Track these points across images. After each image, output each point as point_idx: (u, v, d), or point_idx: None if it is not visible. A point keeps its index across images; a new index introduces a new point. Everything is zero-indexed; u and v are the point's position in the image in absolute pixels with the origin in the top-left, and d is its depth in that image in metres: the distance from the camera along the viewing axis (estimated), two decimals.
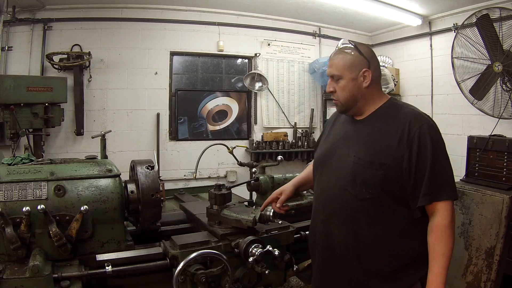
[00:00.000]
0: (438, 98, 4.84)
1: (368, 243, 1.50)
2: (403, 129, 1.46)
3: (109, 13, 4.56)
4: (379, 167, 1.46)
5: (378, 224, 1.49)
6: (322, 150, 1.76)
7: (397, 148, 1.45)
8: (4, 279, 1.45)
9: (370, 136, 1.55)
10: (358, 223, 1.51)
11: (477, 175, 3.38)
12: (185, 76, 5.16)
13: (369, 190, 1.47)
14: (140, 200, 1.92)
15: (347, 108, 1.62)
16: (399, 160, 1.45)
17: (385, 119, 1.56)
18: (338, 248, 1.57)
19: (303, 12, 5.04)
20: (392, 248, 1.49)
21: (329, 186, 1.62)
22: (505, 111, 3.70)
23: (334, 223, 1.58)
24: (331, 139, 1.73)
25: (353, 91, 1.57)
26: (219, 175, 5.11)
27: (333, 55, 1.62)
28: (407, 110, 1.56)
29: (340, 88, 1.58)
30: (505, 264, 2.92)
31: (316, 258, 1.71)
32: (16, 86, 3.58)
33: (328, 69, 1.62)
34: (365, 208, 1.49)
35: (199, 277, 1.69)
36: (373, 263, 1.51)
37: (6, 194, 1.64)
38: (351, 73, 1.55)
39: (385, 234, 1.49)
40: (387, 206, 1.48)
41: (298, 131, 5.49)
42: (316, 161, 1.78)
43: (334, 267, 1.62)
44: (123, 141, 4.62)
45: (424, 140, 1.43)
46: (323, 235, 1.64)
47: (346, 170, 1.55)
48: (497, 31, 3.58)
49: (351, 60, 1.56)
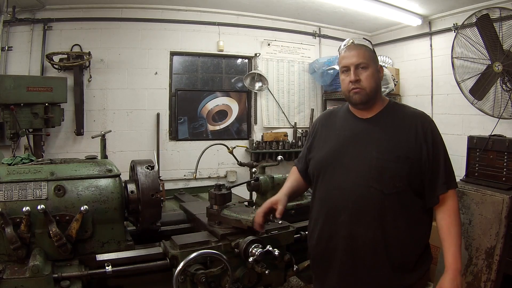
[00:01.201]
0: (438, 98, 4.83)
1: (394, 236, 1.54)
2: (416, 126, 1.58)
3: (109, 13, 4.56)
4: (404, 161, 1.53)
5: (401, 216, 1.55)
6: (324, 152, 1.71)
7: (416, 143, 1.56)
8: (4, 279, 1.45)
9: (386, 133, 1.60)
10: (384, 218, 1.54)
11: (477, 175, 3.38)
12: (185, 76, 5.16)
13: (397, 183, 1.53)
14: (140, 200, 1.92)
15: (369, 98, 1.62)
16: (419, 154, 1.55)
17: (394, 117, 1.64)
18: (363, 248, 1.55)
19: (303, 12, 5.04)
20: (412, 237, 1.56)
21: (347, 186, 1.58)
22: (505, 111, 3.70)
23: (361, 222, 1.55)
24: (334, 140, 1.70)
25: (377, 81, 1.65)
26: (219, 175, 5.11)
27: (352, 47, 1.64)
28: (411, 110, 1.68)
29: (367, 76, 1.60)
30: (505, 264, 2.92)
31: (336, 263, 1.63)
32: (16, 86, 3.58)
33: (351, 59, 1.61)
34: (391, 202, 1.54)
35: (199, 277, 1.69)
36: (399, 255, 1.55)
37: (6, 194, 1.64)
38: (375, 65, 1.65)
39: (407, 225, 1.55)
40: (408, 198, 1.56)
41: (298, 131, 5.49)
42: (318, 163, 1.72)
43: (358, 269, 1.58)
44: (123, 141, 4.62)
45: (435, 135, 1.59)
46: (345, 238, 1.58)
47: (367, 167, 1.55)
48: (497, 31, 3.58)
49: (372, 53, 1.67)
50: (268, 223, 1.93)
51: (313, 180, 1.76)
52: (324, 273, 1.70)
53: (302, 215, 2.26)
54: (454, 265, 1.50)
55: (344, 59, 1.64)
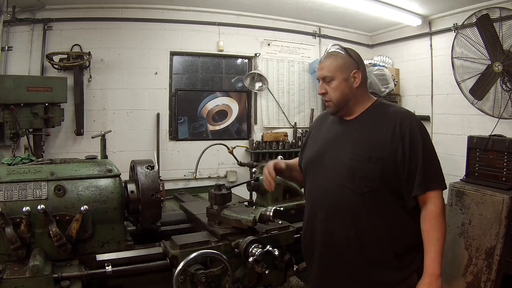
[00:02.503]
0: (438, 98, 4.83)
1: (368, 233, 1.56)
2: (394, 125, 1.57)
3: (109, 13, 4.56)
4: (376, 161, 1.54)
5: (377, 214, 1.56)
6: (312, 151, 1.80)
7: (391, 143, 1.55)
8: (4, 279, 1.45)
9: (363, 133, 1.63)
10: (358, 216, 1.57)
11: (477, 175, 3.38)
12: (185, 76, 5.16)
13: (368, 183, 1.54)
14: (140, 200, 1.92)
15: (339, 108, 1.69)
16: (393, 154, 1.54)
17: (375, 117, 1.65)
18: (339, 243, 1.61)
19: (303, 12, 5.04)
20: (390, 236, 1.56)
21: (325, 185, 1.66)
22: (505, 111, 3.70)
23: (335, 220, 1.62)
24: (321, 140, 1.78)
25: (345, 91, 1.65)
26: (219, 175, 5.11)
27: (323, 58, 1.71)
28: (395, 109, 1.67)
29: (332, 89, 1.65)
30: (505, 264, 2.92)
31: (315, 256, 1.72)
32: (16, 86, 3.58)
33: (319, 72, 1.68)
34: (364, 201, 1.56)
35: (199, 277, 1.69)
36: (374, 252, 1.57)
37: (6, 194, 1.64)
38: (342, 74, 1.64)
39: (383, 223, 1.56)
40: (384, 197, 1.56)
41: (298, 131, 5.49)
42: (306, 162, 1.81)
43: (335, 263, 1.65)
44: (123, 141, 4.62)
45: (414, 134, 1.54)
46: (322, 233, 1.66)
47: (342, 167, 1.61)
48: (497, 31, 3.58)
49: (342, 61, 1.65)
50: (268, 223, 1.93)
51: (303, 178, 1.86)
52: (310, 266, 1.80)
53: (302, 215, 2.25)
54: (432, 270, 1.48)
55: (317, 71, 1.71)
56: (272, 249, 1.79)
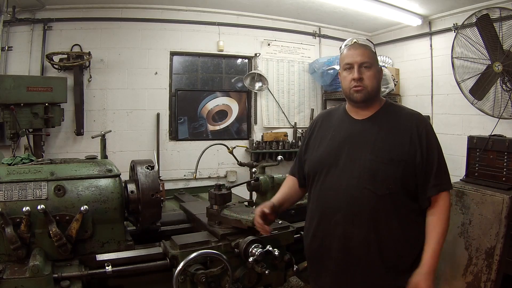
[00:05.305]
0: (438, 98, 4.83)
1: (387, 237, 1.55)
2: (411, 128, 1.60)
3: (109, 13, 4.55)
4: (398, 164, 1.55)
5: (394, 217, 1.56)
6: (321, 152, 1.72)
7: (410, 146, 1.58)
8: (4, 279, 1.45)
9: (381, 135, 1.62)
10: (377, 219, 1.55)
11: (477, 175, 3.38)
12: (185, 76, 5.16)
13: (390, 185, 1.54)
14: (140, 200, 1.92)
15: (370, 97, 1.65)
16: (413, 157, 1.57)
17: (390, 118, 1.66)
18: (357, 248, 1.57)
19: (303, 12, 5.04)
20: (406, 239, 1.57)
21: (341, 187, 1.60)
22: (505, 111, 3.70)
23: (355, 223, 1.57)
24: (332, 140, 1.71)
25: (378, 82, 1.69)
26: (219, 175, 5.11)
27: (357, 46, 1.67)
28: (407, 110, 1.71)
29: (370, 75, 1.64)
30: (505, 264, 2.92)
31: (330, 262, 1.64)
32: (16, 86, 3.58)
33: (357, 57, 1.64)
34: (385, 203, 1.55)
35: (199, 277, 1.69)
36: (393, 257, 1.56)
37: (6, 194, 1.64)
38: (376, 65, 1.68)
39: (400, 226, 1.56)
40: (400, 200, 1.57)
41: (298, 131, 5.49)
42: (314, 164, 1.73)
43: (351, 268, 1.59)
44: (123, 141, 4.62)
45: (430, 138, 1.61)
46: (339, 238, 1.60)
47: (362, 169, 1.57)
48: (497, 31, 3.58)
49: (374, 54, 1.70)
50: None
51: (309, 180, 1.77)
52: (318, 272, 1.72)
53: (302, 215, 2.25)
54: (431, 260, 1.51)
55: (348, 57, 1.66)
56: (272, 249, 1.79)
